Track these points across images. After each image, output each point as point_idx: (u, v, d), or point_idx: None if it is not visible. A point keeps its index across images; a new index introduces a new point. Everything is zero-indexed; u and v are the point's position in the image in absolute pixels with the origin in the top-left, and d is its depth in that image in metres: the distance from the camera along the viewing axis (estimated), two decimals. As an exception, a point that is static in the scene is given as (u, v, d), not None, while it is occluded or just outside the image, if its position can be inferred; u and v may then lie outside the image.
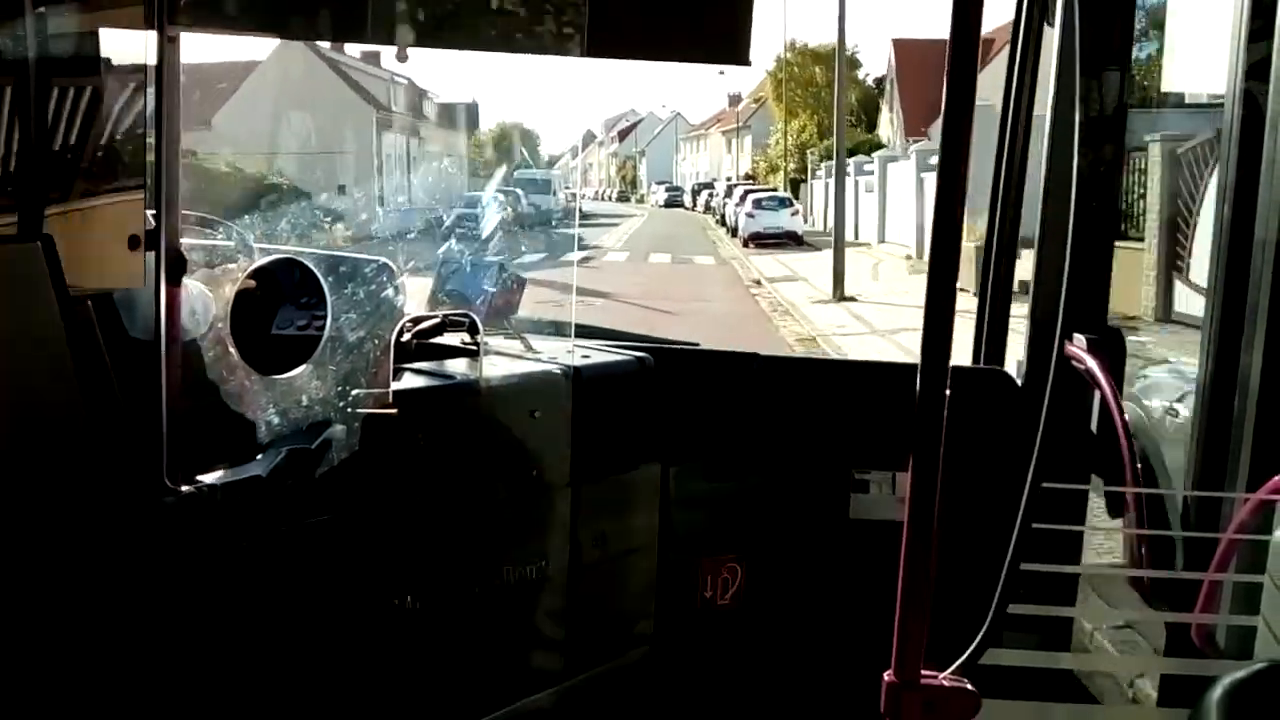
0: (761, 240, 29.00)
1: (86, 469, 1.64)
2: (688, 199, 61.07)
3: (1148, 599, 2.31)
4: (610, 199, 74.20)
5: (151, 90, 1.74)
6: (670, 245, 28.10)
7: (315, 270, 2.09)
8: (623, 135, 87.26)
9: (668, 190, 66.47)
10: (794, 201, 34.47)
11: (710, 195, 50.52)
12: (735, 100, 70.46)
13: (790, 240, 29.52)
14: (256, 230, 2.21)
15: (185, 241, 1.86)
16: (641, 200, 74.32)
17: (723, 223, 37.98)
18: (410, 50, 2.09)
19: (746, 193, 35.10)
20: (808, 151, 43.55)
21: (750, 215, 30.85)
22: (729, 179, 60.32)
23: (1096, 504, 2.64)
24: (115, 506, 1.67)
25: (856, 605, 2.79)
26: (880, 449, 2.77)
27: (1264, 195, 2.37)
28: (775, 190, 38.89)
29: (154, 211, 1.79)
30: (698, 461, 2.74)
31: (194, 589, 1.81)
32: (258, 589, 1.90)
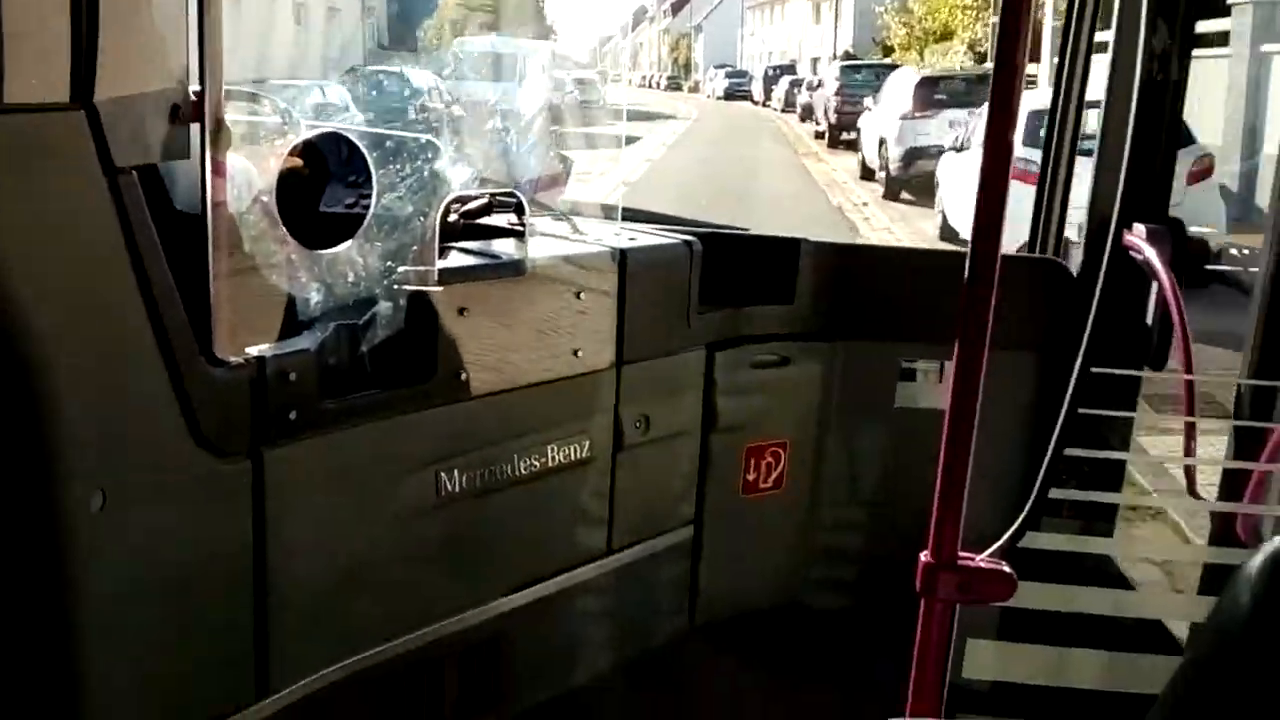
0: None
1: (136, 340, 1.67)
2: (756, 88, 46.12)
3: (1194, 489, 2.29)
4: (659, 86, 60.23)
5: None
6: (727, 196, 14.86)
7: (360, 145, 2.08)
8: (676, 8, 71.98)
9: (729, 76, 51.98)
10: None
11: (796, 84, 35.90)
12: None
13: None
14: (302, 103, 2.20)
15: (229, 115, 1.86)
16: (695, 89, 59.88)
17: (829, 136, 24.13)
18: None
19: (927, 83, 17.58)
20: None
21: (915, 126, 16.08)
22: (815, 60, 46.28)
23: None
24: (165, 376, 1.70)
25: (898, 491, 2.80)
26: (929, 337, 2.75)
27: None
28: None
29: (197, 85, 1.78)
30: (743, 345, 2.73)
31: (245, 457, 1.85)
32: (306, 462, 1.94)
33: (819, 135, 26.64)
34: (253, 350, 1.86)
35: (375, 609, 2.11)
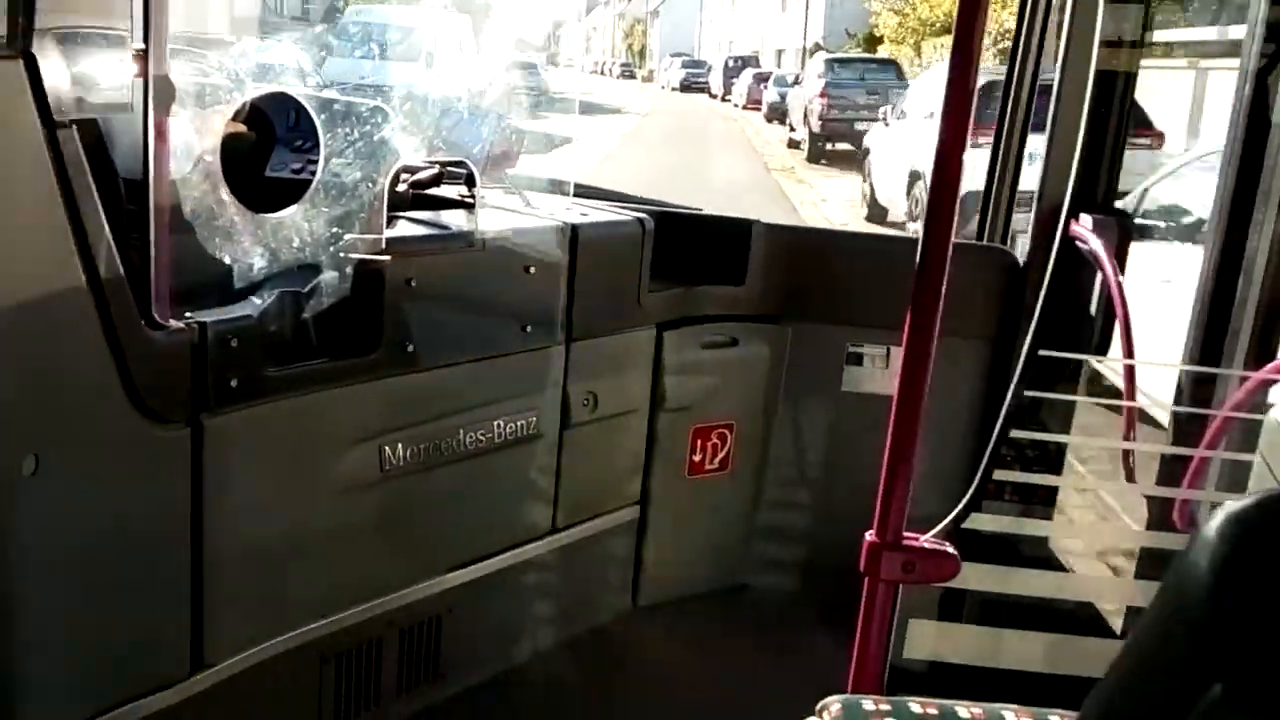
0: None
1: (73, 301, 1.62)
2: (715, 80, 40.77)
3: (1132, 475, 2.32)
4: (611, 74, 55.64)
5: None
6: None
7: (308, 107, 2.04)
8: None
9: (685, 66, 46.47)
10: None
11: (761, 79, 31.33)
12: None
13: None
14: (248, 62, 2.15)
15: (174, 72, 1.80)
16: (649, 79, 55.14)
17: (809, 147, 19.38)
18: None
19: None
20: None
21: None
22: (779, 52, 41.13)
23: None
24: (103, 339, 1.66)
25: (842, 473, 2.82)
26: (876, 323, 2.76)
27: None
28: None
29: (141, 41, 1.73)
30: (693, 325, 2.73)
31: (185, 424, 1.80)
32: (247, 431, 1.90)
33: (794, 144, 20.88)
34: (194, 316, 1.81)
35: (315, 583, 2.07)
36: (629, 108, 29.89)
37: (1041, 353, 2.19)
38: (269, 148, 2.11)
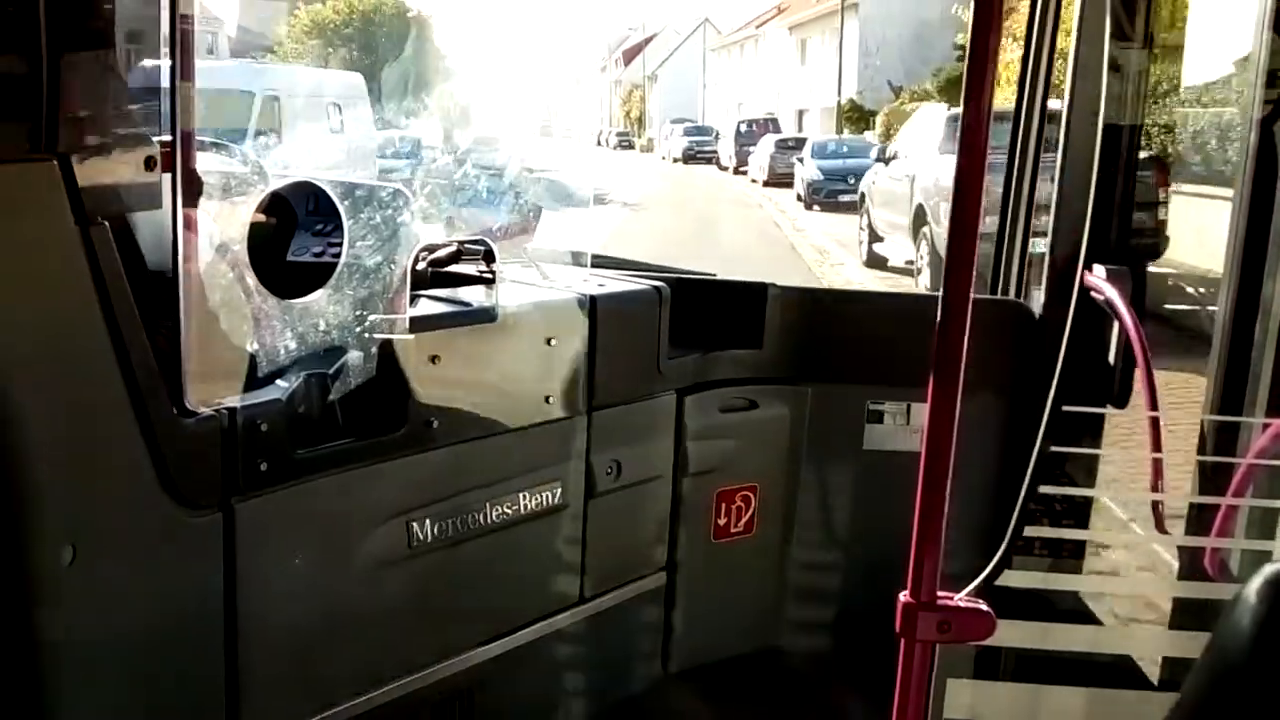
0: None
1: (108, 393, 1.65)
2: (724, 149, 33.74)
3: (1161, 525, 2.31)
4: (607, 144, 49.03)
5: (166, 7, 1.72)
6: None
7: (331, 195, 2.08)
8: (629, 57, 60.57)
9: (688, 134, 39.66)
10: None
11: (786, 146, 24.12)
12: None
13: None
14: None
15: (201, 165, 1.85)
16: (649, 148, 47.98)
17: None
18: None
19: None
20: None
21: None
22: (801, 113, 34.89)
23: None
24: (136, 428, 1.68)
25: (869, 532, 2.81)
26: (896, 380, 2.77)
27: None
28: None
29: (169, 136, 1.78)
30: (712, 390, 2.74)
31: (216, 509, 1.82)
32: (278, 513, 1.92)
33: (877, 262, 13.95)
34: (223, 401, 1.84)
35: (348, 661, 2.08)
36: (615, 194, 19.96)
37: (1065, 408, 2.19)
38: (290, 233, 2.15)
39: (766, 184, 25.55)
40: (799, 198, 20.67)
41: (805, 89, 36.66)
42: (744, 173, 29.38)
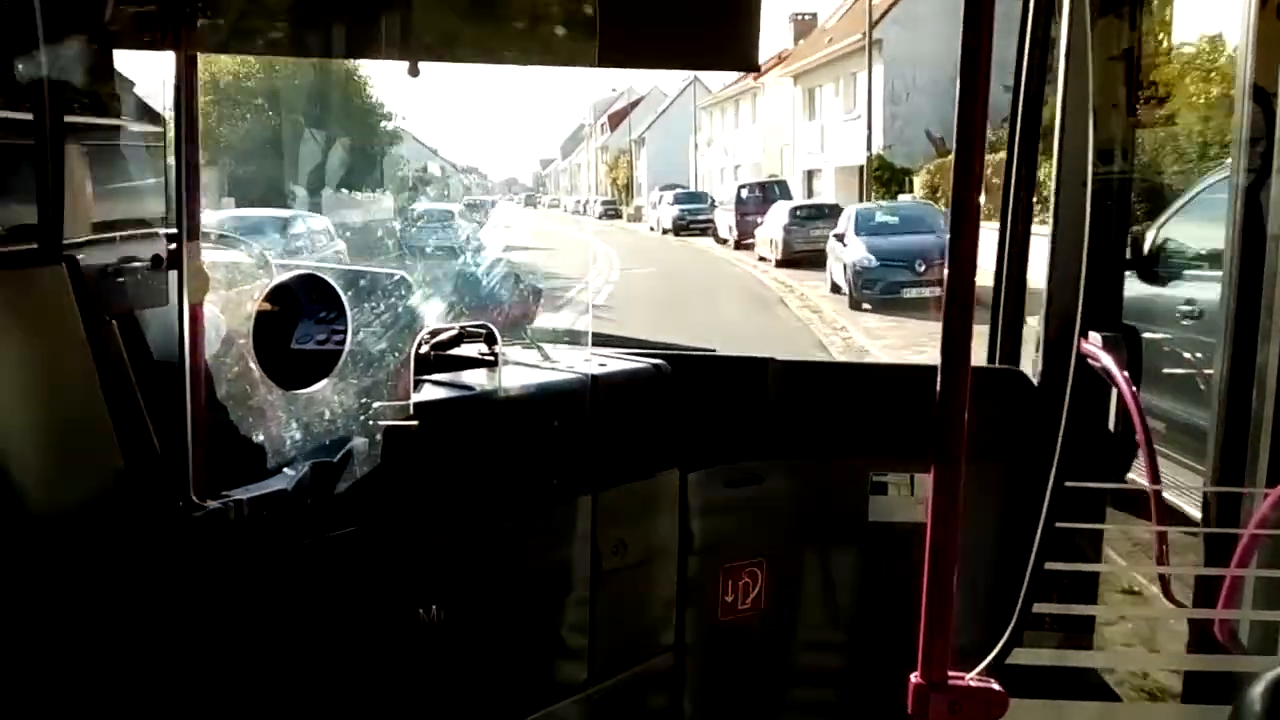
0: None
1: (115, 488, 1.65)
2: (721, 219, 29.61)
3: (1169, 597, 2.31)
4: (591, 213, 46.47)
5: (170, 109, 1.76)
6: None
7: (334, 285, 2.10)
8: (614, 121, 57.19)
9: (679, 201, 35.20)
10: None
11: (802, 217, 21.33)
12: (806, 25, 36.16)
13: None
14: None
15: (206, 260, 1.88)
16: (636, 217, 43.51)
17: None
18: (421, 65, 2.10)
19: None
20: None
21: None
22: (809, 174, 30.14)
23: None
24: (143, 524, 1.68)
25: (877, 607, 2.79)
26: (898, 451, 2.78)
27: (1275, 190, 2.38)
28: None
29: (174, 230, 1.80)
30: (716, 467, 2.74)
31: (221, 604, 1.82)
32: (283, 603, 1.91)
33: None
34: (231, 493, 1.85)
35: None
36: (585, 278, 15.64)
37: (1069, 484, 2.20)
38: (294, 321, 2.17)
39: (780, 263, 20.92)
40: (836, 288, 15.89)
41: (815, 147, 31.27)
42: (748, 246, 24.79)
